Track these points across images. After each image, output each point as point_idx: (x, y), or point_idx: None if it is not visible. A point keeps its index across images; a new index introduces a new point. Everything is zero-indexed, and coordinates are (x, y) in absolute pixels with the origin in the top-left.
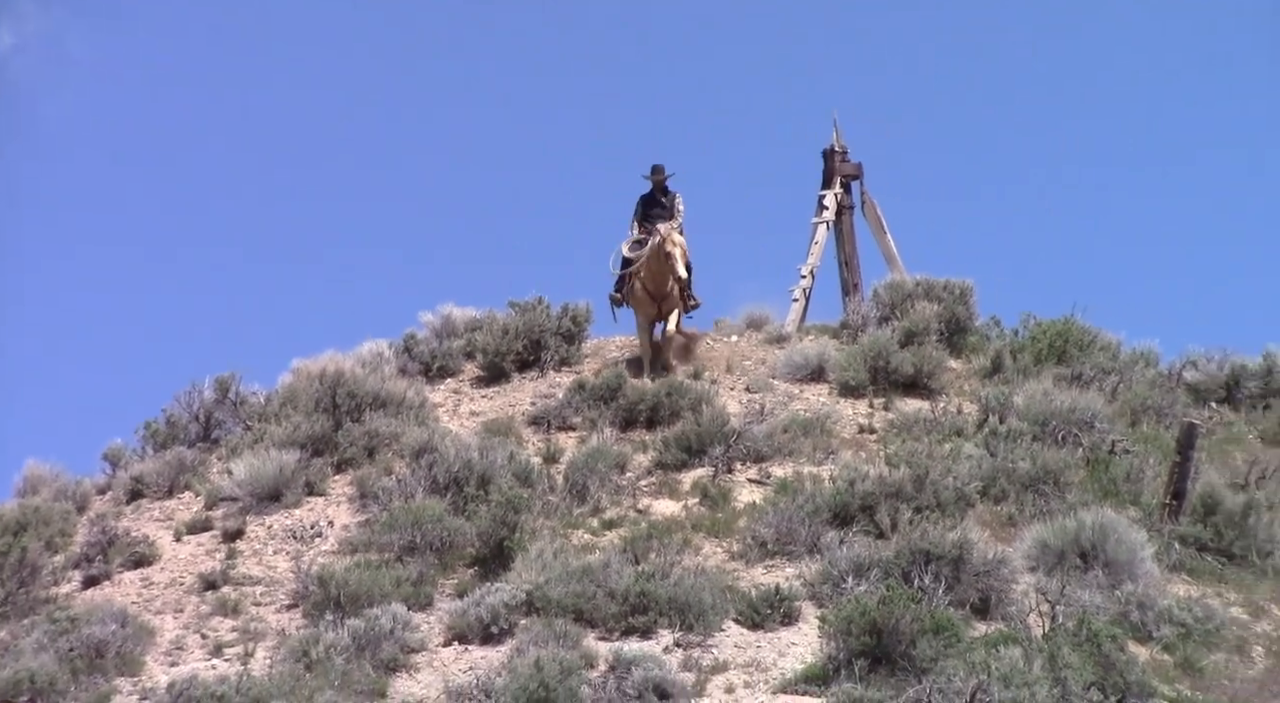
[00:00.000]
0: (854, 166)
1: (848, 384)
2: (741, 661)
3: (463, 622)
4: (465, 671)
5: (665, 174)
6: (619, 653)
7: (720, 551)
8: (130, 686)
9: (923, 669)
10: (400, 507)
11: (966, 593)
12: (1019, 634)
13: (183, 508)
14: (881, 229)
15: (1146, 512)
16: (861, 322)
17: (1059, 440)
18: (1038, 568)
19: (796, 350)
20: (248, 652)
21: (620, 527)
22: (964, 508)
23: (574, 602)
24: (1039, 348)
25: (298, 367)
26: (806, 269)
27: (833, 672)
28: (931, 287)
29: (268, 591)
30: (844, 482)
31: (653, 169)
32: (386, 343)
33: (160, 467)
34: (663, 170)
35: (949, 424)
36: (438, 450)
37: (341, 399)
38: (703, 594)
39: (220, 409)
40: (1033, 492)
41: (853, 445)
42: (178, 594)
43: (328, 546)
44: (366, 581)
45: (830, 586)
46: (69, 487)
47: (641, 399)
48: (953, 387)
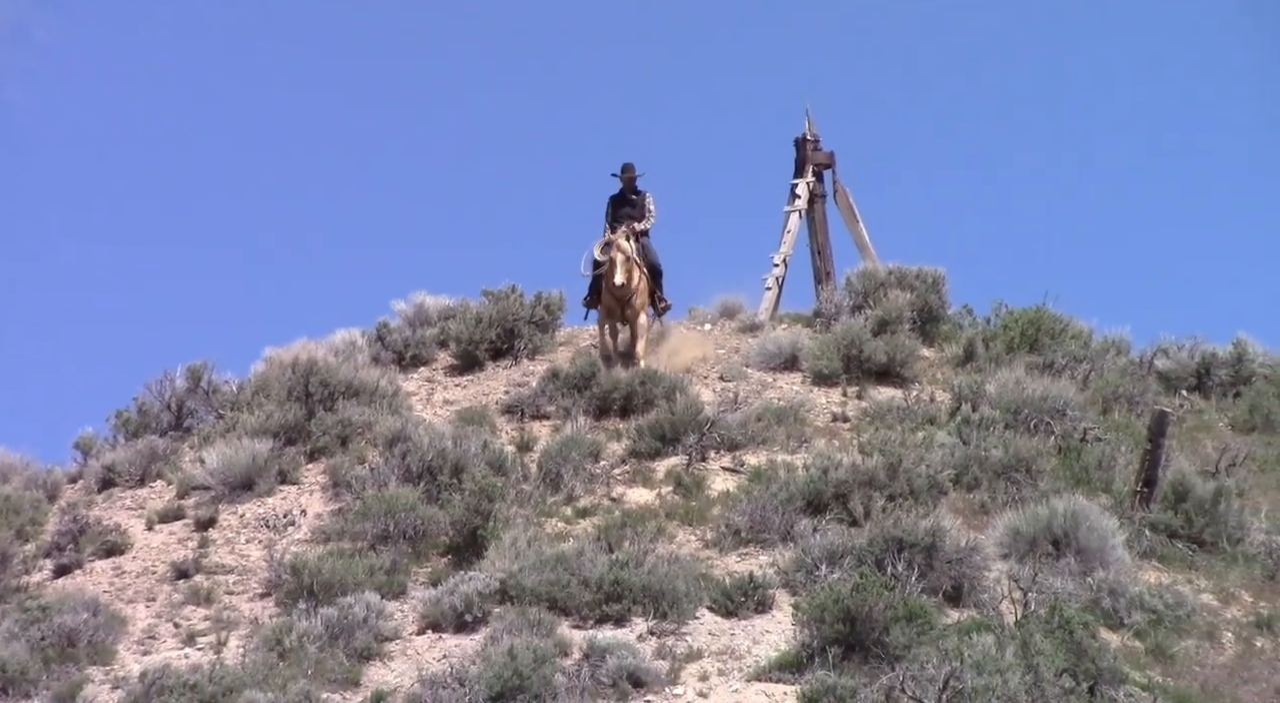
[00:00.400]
0: (826, 155)
1: (821, 373)
2: (715, 649)
3: (436, 610)
4: (439, 659)
5: (635, 172)
6: (593, 641)
7: (694, 539)
8: (102, 675)
9: (896, 657)
10: (373, 495)
11: (939, 581)
12: (991, 622)
13: (155, 497)
14: (854, 218)
15: (1118, 499)
16: (834, 310)
17: (1031, 428)
18: (1010, 555)
19: (770, 339)
20: (220, 641)
21: (594, 515)
22: (937, 496)
23: (548, 590)
24: (1011, 336)
25: (270, 355)
26: (779, 258)
27: (806, 659)
28: (904, 275)
29: (240, 580)
30: (817, 470)
31: (622, 168)
32: (359, 331)
33: (132, 455)
34: (633, 169)
35: (922, 412)
36: (411, 439)
37: (314, 388)
38: (677, 582)
39: (192, 398)
40: (1005, 480)
41: (826, 434)
42: (150, 583)
43: (301, 534)
44: (340, 569)
45: (804, 573)
46: (40, 475)
47: (615, 388)
48: (925, 375)
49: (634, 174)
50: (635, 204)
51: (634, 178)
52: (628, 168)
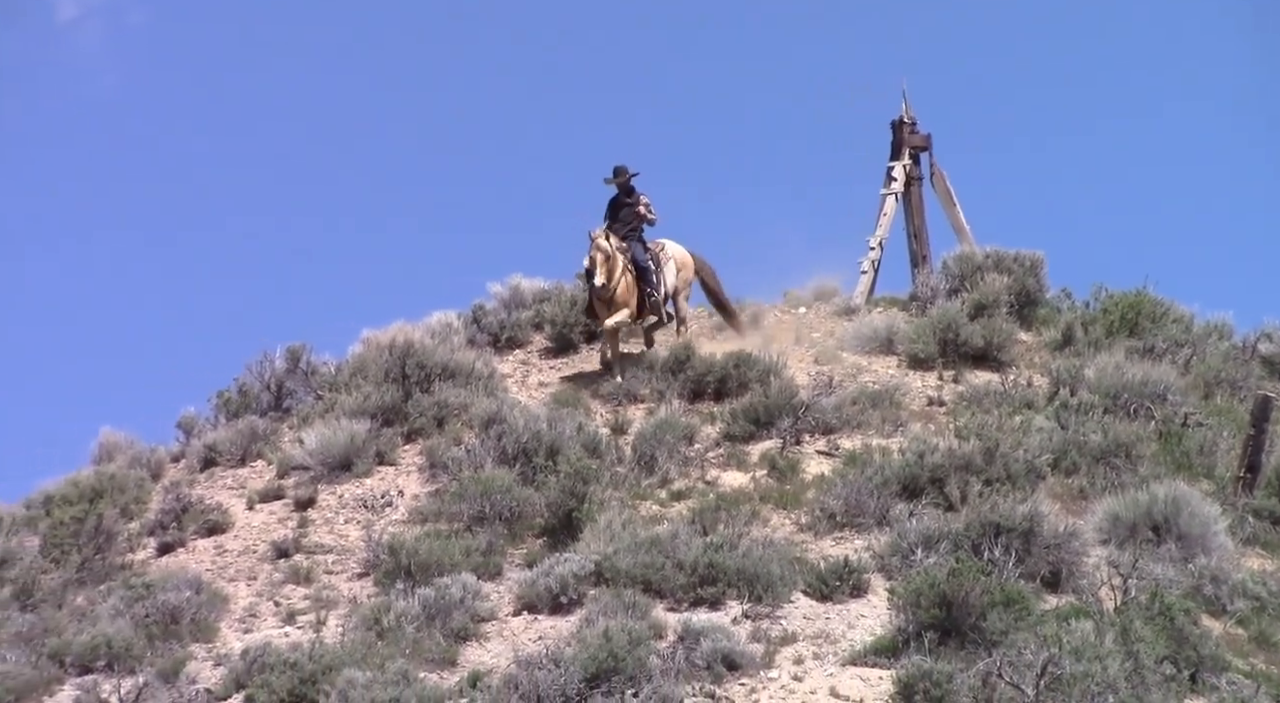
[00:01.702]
0: (923, 138)
1: (917, 356)
2: (810, 632)
3: (532, 592)
4: (534, 640)
5: (628, 174)
6: (687, 624)
7: (789, 522)
8: (205, 652)
9: (993, 642)
10: (470, 477)
11: (1037, 566)
12: (1090, 608)
13: (255, 476)
14: (951, 201)
15: (1220, 485)
16: (930, 294)
17: (1131, 413)
18: (1109, 541)
19: (865, 322)
20: (320, 620)
21: (688, 498)
22: (1034, 481)
23: (642, 572)
24: (1111, 320)
25: (368, 337)
26: (875, 241)
27: (902, 644)
28: (1001, 259)
29: (339, 559)
30: (913, 454)
31: (614, 171)
32: (455, 314)
33: (233, 435)
34: (625, 171)
35: (1019, 397)
36: (506, 421)
37: (411, 370)
38: (771, 566)
39: (291, 379)
40: (1104, 465)
41: (922, 418)
42: (251, 562)
43: (398, 515)
44: (436, 550)
45: (899, 558)
46: (144, 454)
47: (710, 371)
48: (1023, 359)
49: (626, 177)
50: (632, 206)
51: (627, 180)
52: (620, 171)
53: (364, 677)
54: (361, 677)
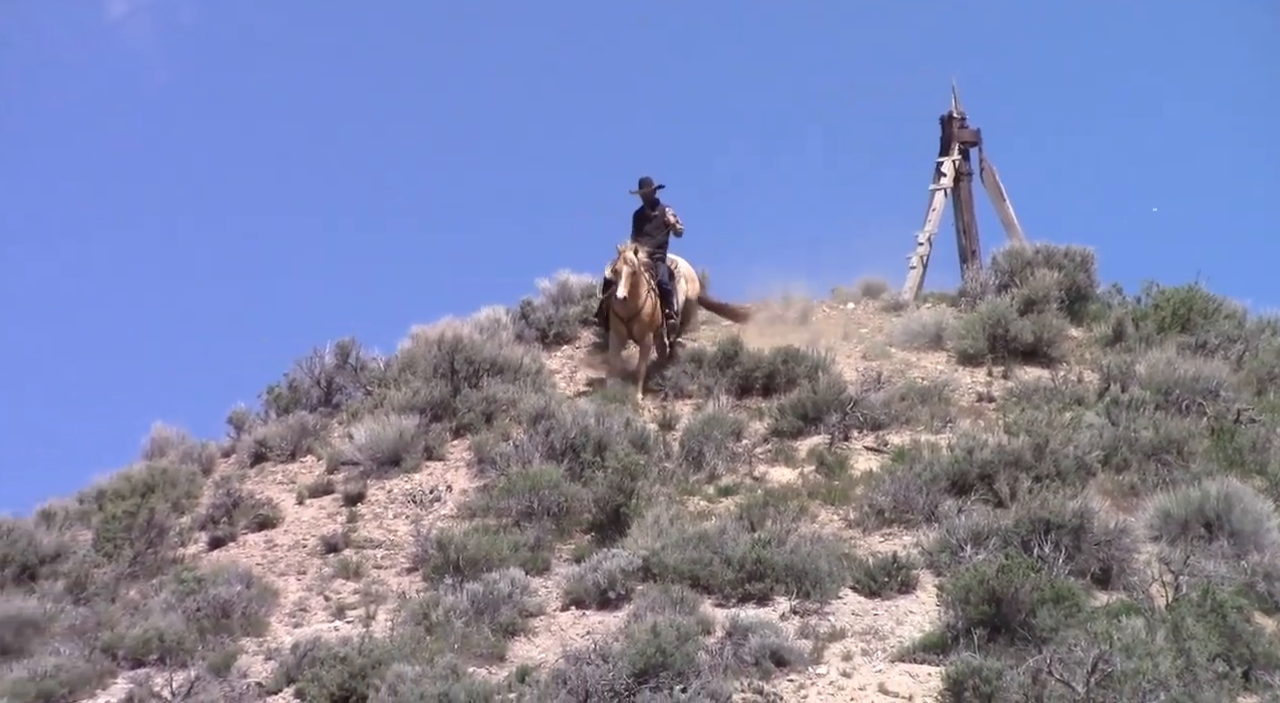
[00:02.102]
0: (972, 133)
1: (966, 352)
2: (859, 629)
3: (580, 587)
4: (583, 635)
5: (654, 186)
6: (736, 620)
7: (837, 518)
8: (255, 646)
9: (1043, 639)
10: (518, 472)
11: (1087, 563)
12: (1141, 605)
13: (305, 471)
14: (1000, 196)
15: (1273, 482)
16: (980, 289)
17: (1183, 409)
18: (1161, 538)
19: (914, 318)
20: (369, 614)
21: (736, 494)
22: (1085, 477)
23: (690, 568)
24: (1162, 316)
25: (416, 332)
26: (924, 236)
27: (951, 641)
28: (1051, 254)
29: (388, 554)
30: (962, 450)
31: (640, 183)
32: (504, 309)
33: (283, 430)
34: (650, 183)
35: (1069, 393)
36: (554, 417)
37: (459, 365)
38: (819, 562)
39: (341, 374)
40: (1155, 461)
41: (971, 414)
42: (300, 556)
43: (446, 510)
44: (485, 545)
45: (948, 554)
46: (195, 449)
47: (758, 366)
48: (1073, 355)
49: (652, 188)
50: (658, 218)
51: (652, 192)
52: (645, 182)
53: (413, 671)
54: (410, 671)
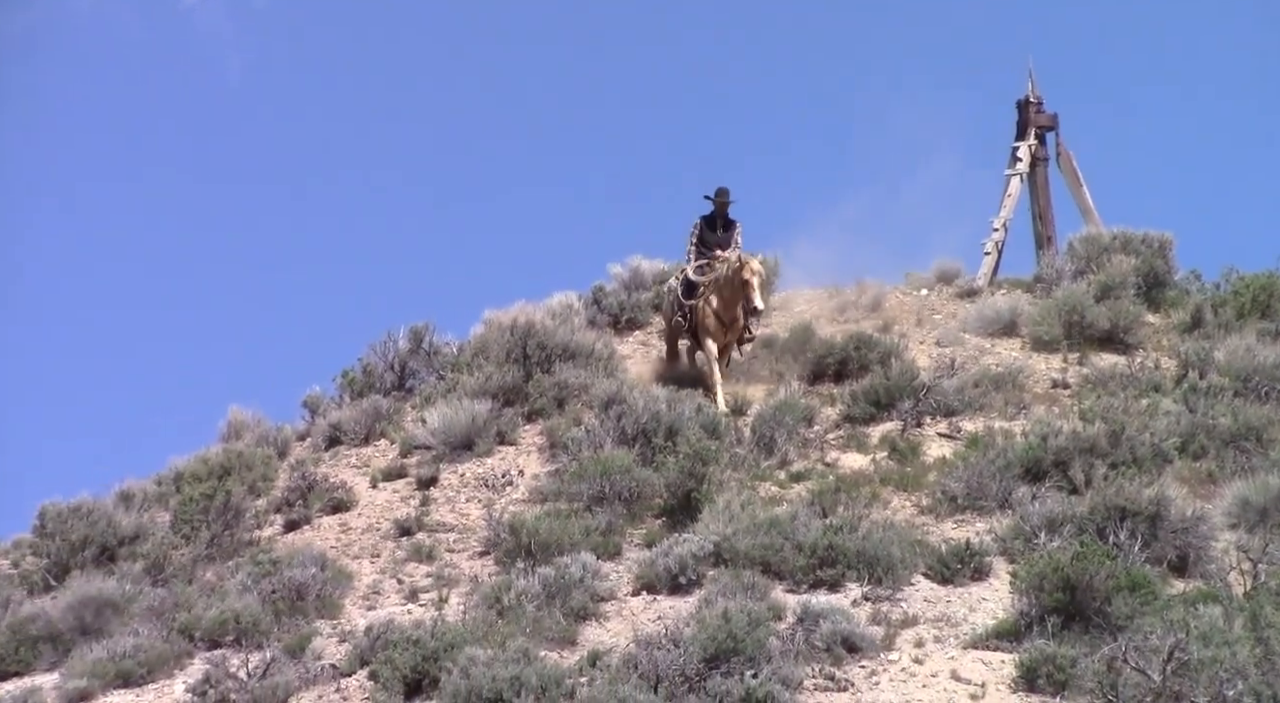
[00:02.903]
0: (1049, 117)
1: (1041, 339)
2: (931, 615)
3: (651, 572)
4: (654, 620)
5: (729, 199)
6: (807, 605)
7: (909, 505)
8: (330, 628)
9: (1118, 627)
10: (589, 457)
11: (1163, 550)
12: (1219, 593)
13: (378, 455)
14: (1077, 181)
15: None
16: (1055, 275)
17: (1262, 396)
18: (1239, 526)
19: (988, 304)
20: (442, 597)
21: (808, 480)
22: (1161, 464)
23: (761, 554)
24: (1241, 302)
25: (489, 318)
26: (999, 222)
27: (1024, 628)
28: (1129, 239)
29: (460, 538)
30: (1036, 437)
31: (717, 192)
32: (576, 294)
33: (357, 415)
34: (727, 194)
35: (1146, 380)
36: (626, 402)
37: (532, 350)
38: (891, 548)
39: (414, 359)
40: (1234, 448)
41: (1046, 400)
42: (374, 540)
43: (518, 494)
44: (556, 529)
45: (1022, 541)
46: (270, 433)
47: (830, 352)
48: (1150, 342)
49: (728, 200)
50: (725, 232)
51: (727, 204)
52: (722, 193)
53: (485, 655)
54: (482, 654)
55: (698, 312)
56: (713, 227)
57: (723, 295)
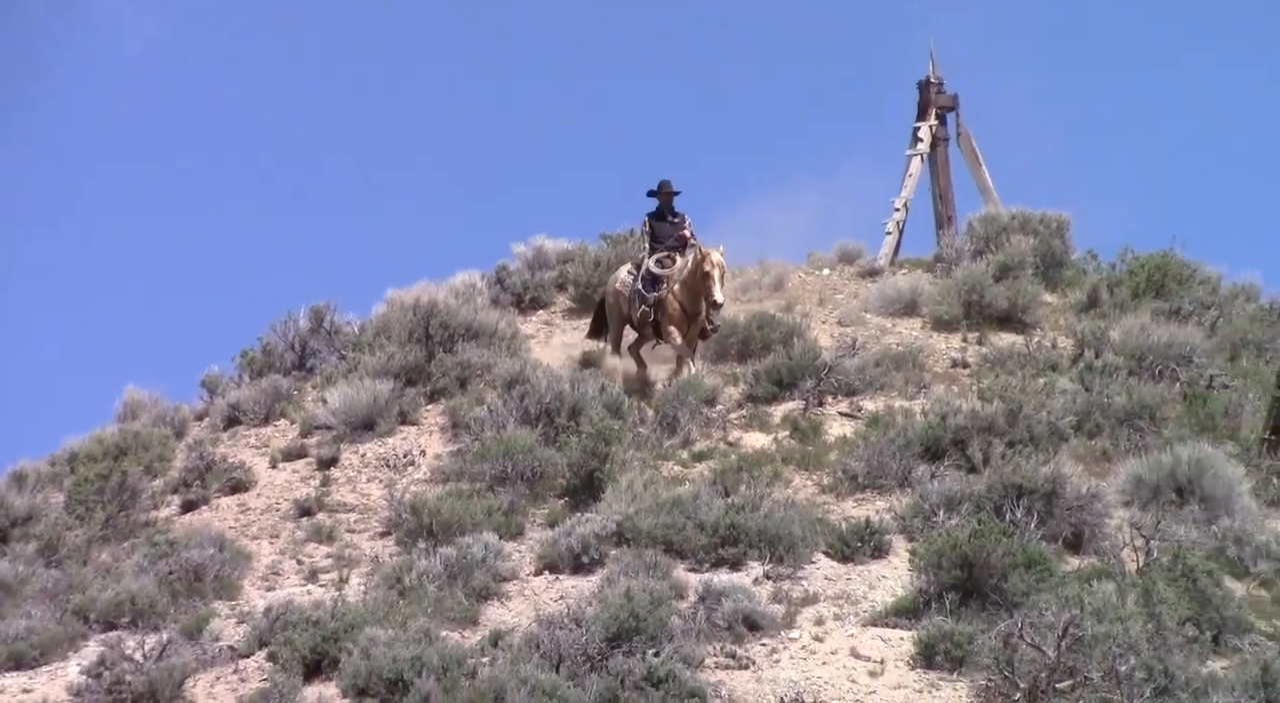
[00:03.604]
0: (949, 98)
1: (941, 318)
2: (831, 593)
3: (553, 551)
4: (556, 600)
5: (673, 190)
6: (709, 584)
7: (810, 484)
8: (228, 609)
9: (1014, 604)
10: (492, 437)
11: (1059, 528)
12: (1113, 569)
13: (278, 435)
14: (977, 161)
15: (1245, 447)
16: (955, 255)
17: (1156, 375)
18: (1132, 503)
19: (889, 284)
20: (342, 578)
21: (710, 459)
22: (1057, 443)
23: (664, 533)
24: (1136, 282)
25: (391, 297)
26: (900, 202)
27: (923, 605)
28: (1027, 220)
29: (361, 518)
30: (936, 416)
31: (659, 185)
32: (479, 274)
33: (256, 394)
34: (670, 186)
35: (1043, 359)
36: (529, 381)
37: (434, 330)
38: (793, 527)
39: (315, 338)
40: (1128, 426)
41: (945, 380)
42: (274, 520)
43: (420, 474)
44: (459, 509)
45: (921, 519)
46: (168, 413)
47: (733, 332)
48: (1048, 321)
49: (671, 191)
50: (674, 223)
51: (671, 195)
52: (665, 185)
53: (386, 635)
54: (383, 635)
55: (664, 305)
56: (661, 219)
57: (686, 288)
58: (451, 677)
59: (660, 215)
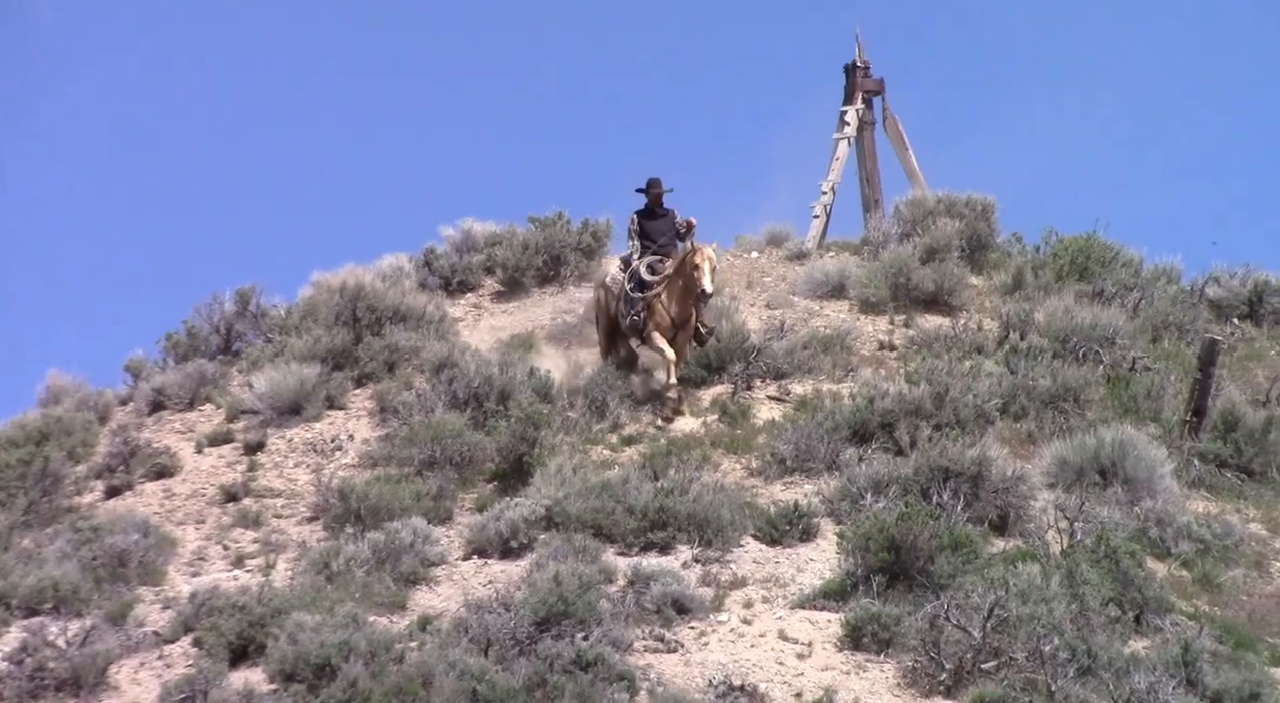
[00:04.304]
0: (876, 82)
1: (868, 301)
2: (760, 576)
3: (482, 536)
4: (485, 584)
5: (662, 188)
6: (638, 568)
7: (739, 467)
8: (153, 595)
9: (941, 585)
10: (420, 421)
11: (985, 510)
12: (1037, 551)
13: (204, 420)
14: (903, 145)
15: (1167, 428)
16: (882, 239)
17: (1080, 357)
18: (1056, 485)
19: (817, 267)
20: (269, 563)
21: (639, 443)
22: (983, 425)
23: (593, 517)
24: (1060, 265)
25: (318, 280)
26: (827, 186)
27: (851, 587)
28: (953, 203)
29: (288, 503)
30: (864, 399)
31: (648, 183)
32: (406, 257)
33: (181, 378)
34: (659, 184)
35: (969, 341)
36: (458, 365)
37: (362, 313)
38: (721, 510)
39: (241, 322)
40: (1053, 409)
41: (873, 363)
42: (199, 505)
43: (348, 459)
44: (387, 494)
45: (849, 502)
46: (91, 397)
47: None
48: (974, 304)
49: (660, 190)
50: (664, 221)
51: (660, 194)
52: (654, 184)
53: (313, 620)
54: (310, 620)
55: (653, 308)
56: (650, 217)
57: (674, 288)
58: (379, 662)
59: (650, 214)
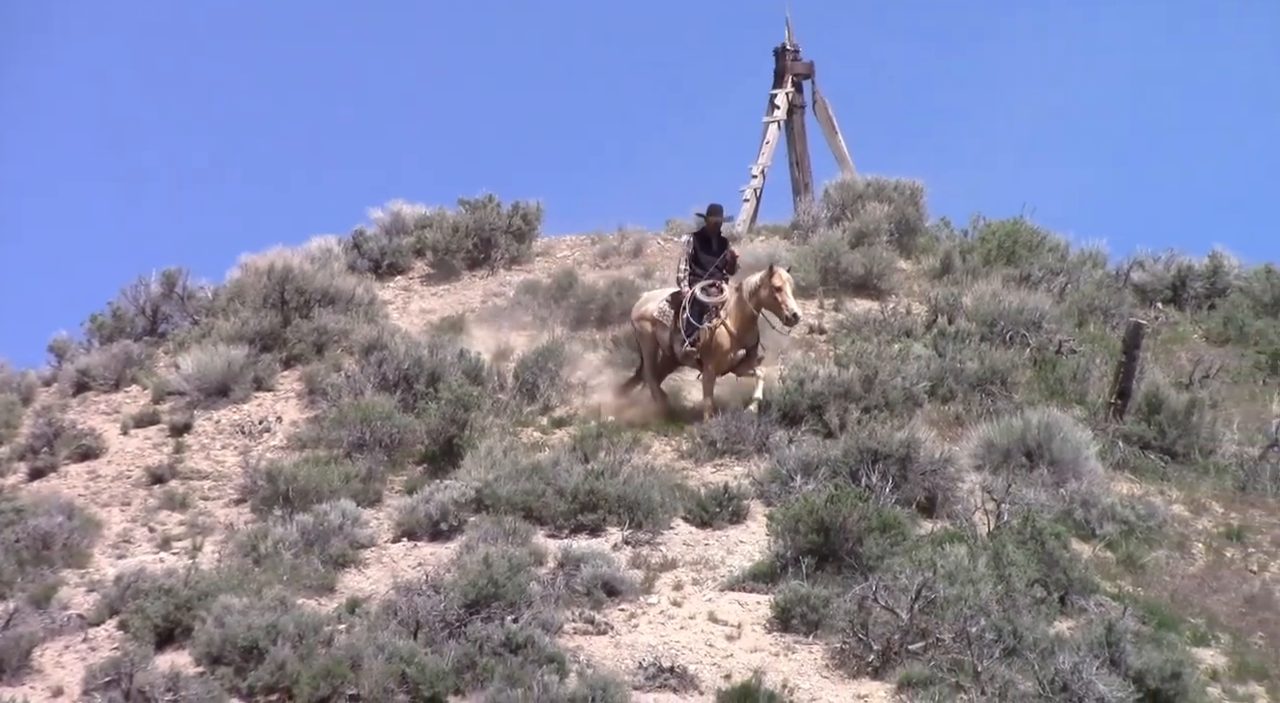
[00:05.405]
0: (806, 65)
1: (798, 285)
2: (690, 558)
3: (412, 518)
4: (414, 567)
5: (723, 217)
6: (568, 550)
7: (670, 449)
8: (77, 578)
9: (869, 567)
10: (349, 403)
11: (913, 492)
12: (964, 532)
13: (130, 401)
14: (833, 129)
15: (1092, 411)
16: (812, 222)
17: (1007, 341)
18: (984, 467)
19: (747, 250)
20: (195, 546)
21: (570, 425)
22: (912, 408)
23: (523, 499)
24: (988, 249)
25: (245, 262)
26: (757, 169)
27: (780, 569)
28: (882, 187)
29: (215, 485)
30: (793, 382)
31: (710, 209)
32: (336, 239)
33: (107, 360)
34: (721, 212)
35: (898, 325)
36: (387, 348)
37: (290, 295)
38: (652, 493)
39: (167, 303)
40: (980, 392)
41: (802, 346)
42: (125, 488)
43: (276, 441)
44: (315, 476)
45: (778, 484)
46: (13, 378)
47: (592, 298)
48: (902, 287)
49: (721, 218)
50: (718, 251)
51: (720, 222)
52: (715, 210)
53: (240, 603)
54: (238, 603)
55: (713, 335)
56: (707, 245)
57: (741, 313)
58: (307, 644)
59: (705, 239)
